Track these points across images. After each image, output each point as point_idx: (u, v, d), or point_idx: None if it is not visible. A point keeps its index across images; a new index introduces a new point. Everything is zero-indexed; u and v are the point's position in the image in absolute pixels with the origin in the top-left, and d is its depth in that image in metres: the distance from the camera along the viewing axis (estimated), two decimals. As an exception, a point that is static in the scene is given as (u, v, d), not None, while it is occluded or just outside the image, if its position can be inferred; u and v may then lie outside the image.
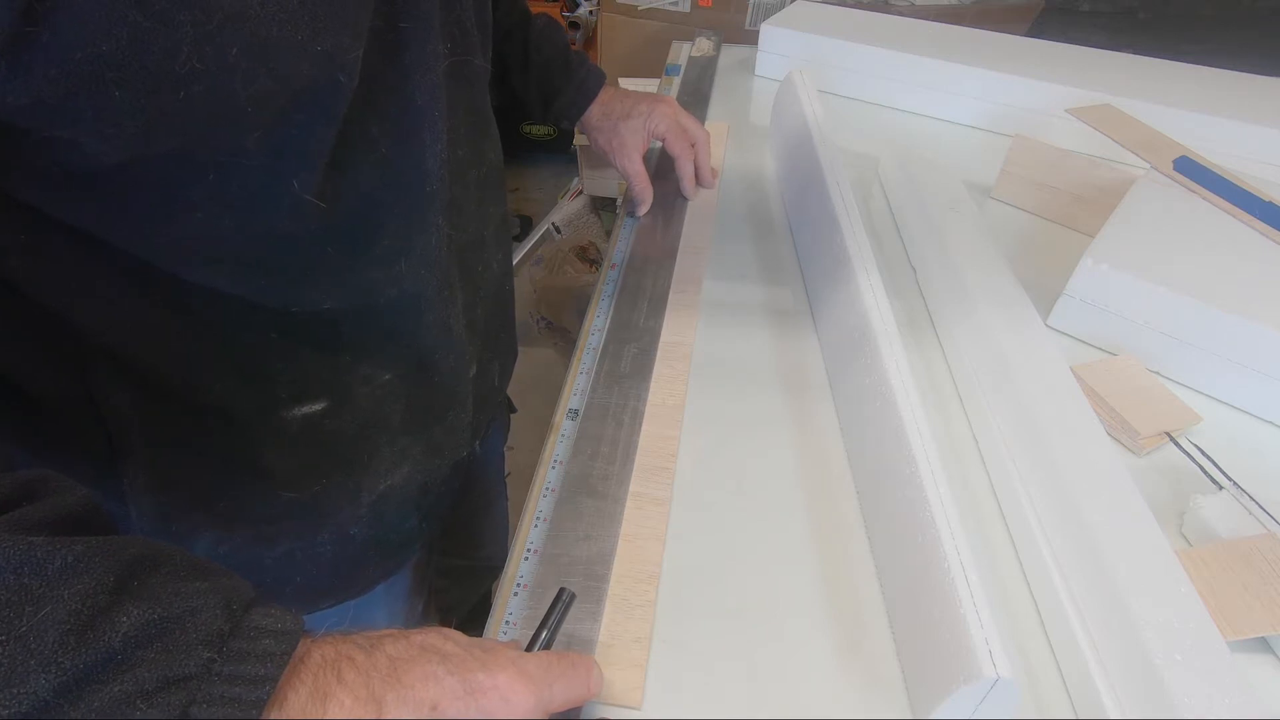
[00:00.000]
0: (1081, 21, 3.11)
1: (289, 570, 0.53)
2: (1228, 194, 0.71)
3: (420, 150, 0.43)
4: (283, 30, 0.31)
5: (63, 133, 0.30)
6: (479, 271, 0.56)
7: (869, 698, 0.42)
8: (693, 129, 0.80)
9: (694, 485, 0.52)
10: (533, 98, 0.75)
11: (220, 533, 0.49)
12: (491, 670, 0.32)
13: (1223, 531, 0.49)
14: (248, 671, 0.27)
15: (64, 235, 0.36)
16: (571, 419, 0.56)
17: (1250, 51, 1.92)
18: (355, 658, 0.30)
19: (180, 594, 0.28)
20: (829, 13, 1.15)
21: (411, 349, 0.50)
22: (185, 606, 0.27)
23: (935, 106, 1.04)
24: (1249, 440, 0.59)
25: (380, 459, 0.52)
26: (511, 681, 0.32)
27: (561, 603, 0.40)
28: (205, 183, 0.35)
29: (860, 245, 0.63)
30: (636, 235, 0.76)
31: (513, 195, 2.50)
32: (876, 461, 0.50)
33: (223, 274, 0.39)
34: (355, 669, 0.30)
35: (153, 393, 0.43)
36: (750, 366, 0.62)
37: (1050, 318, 0.67)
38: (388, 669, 0.30)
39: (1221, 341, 0.59)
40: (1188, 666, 0.39)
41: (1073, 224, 0.82)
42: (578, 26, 2.17)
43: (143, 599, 0.27)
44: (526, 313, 1.57)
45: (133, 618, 0.26)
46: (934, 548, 0.41)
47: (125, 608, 0.26)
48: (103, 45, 0.27)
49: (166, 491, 0.46)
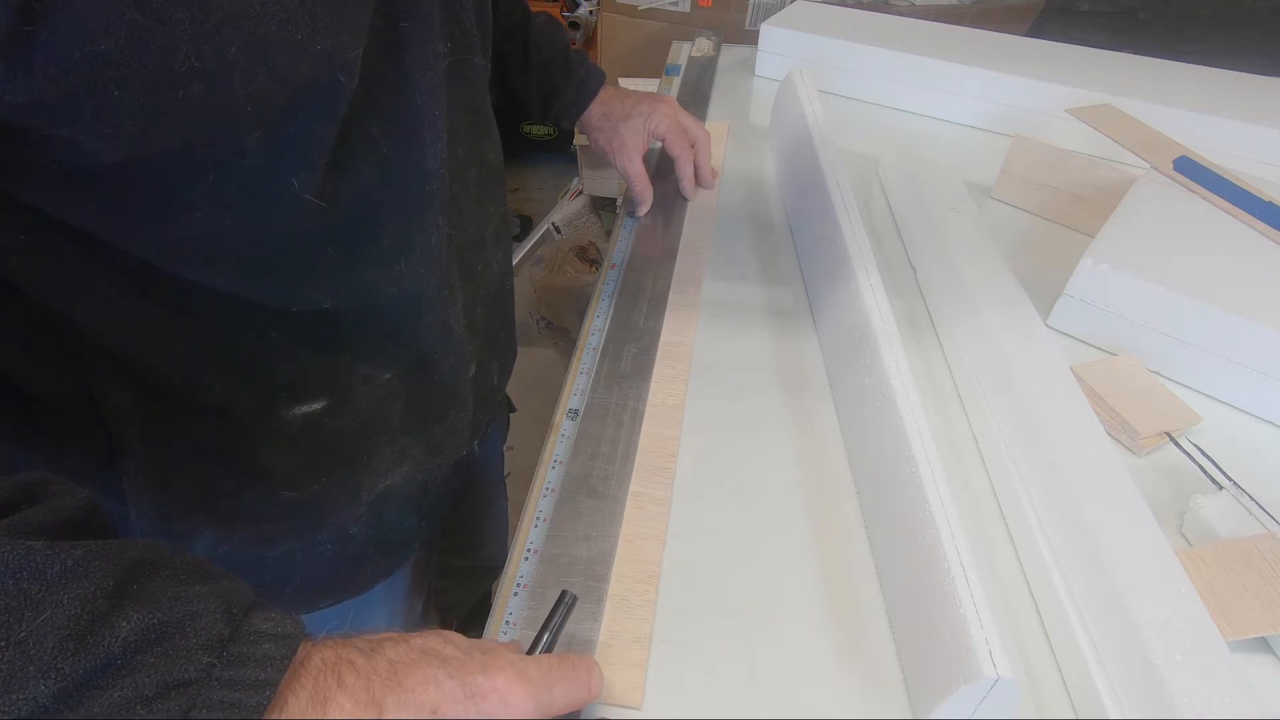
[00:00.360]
0: (1081, 21, 3.11)
1: (288, 569, 0.53)
2: (1228, 194, 0.71)
3: (420, 150, 0.43)
4: (282, 29, 0.31)
5: (61, 131, 0.30)
6: (479, 271, 0.56)
7: (869, 698, 0.42)
8: (693, 129, 0.80)
9: (694, 485, 0.52)
10: (533, 97, 0.75)
11: (220, 532, 0.49)
12: (490, 673, 0.32)
13: (1223, 531, 0.49)
14: (248, 676, 0.27)
15: (64, 235, 0.36)
16: (571, 419, 0.56)
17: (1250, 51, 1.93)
18: (355, 661, 0.30)
19: (180, 598, 0.28)
20: (829, 13, 1.15)
21: (411, 349, 0.50)
22: (185, 611, 0.27)
23: (935, 106, 1.04)
24: (1249, 440, 0.59)
25: (380, 458, 0.52)
26: (510, 684, 0.32)
27: (563, 605, 0.40)
28: (205, 182, 0.35)
29: (860, 245, 0.63)
30: (636, 235, 0.76)
31: (513, 195, 2.50)
32: (876, 461, 0.50)
33: (222, 273, 0.39)
34: (355, 672, 0.30)
35: (153, 392, 0.43)
36: (750, 366, 0.62)
37: (1050, 318, 0.67)
38: (388, 672, 0.30)
39: (1221, 341, 0.59)
40: (1188, 666, 0.39)
41: (1073, 224, 0.82)
42: (578, 26, 2.17)
43: (142, 604, 0.27)
44: (526, 313, 1.57)
45: (132, 622, 0.26)
46: (934, 548, 0.41)
47: (125, 612, 0.26)
48: (101, 44, 0.27)
49: (166, 491, 0.46)
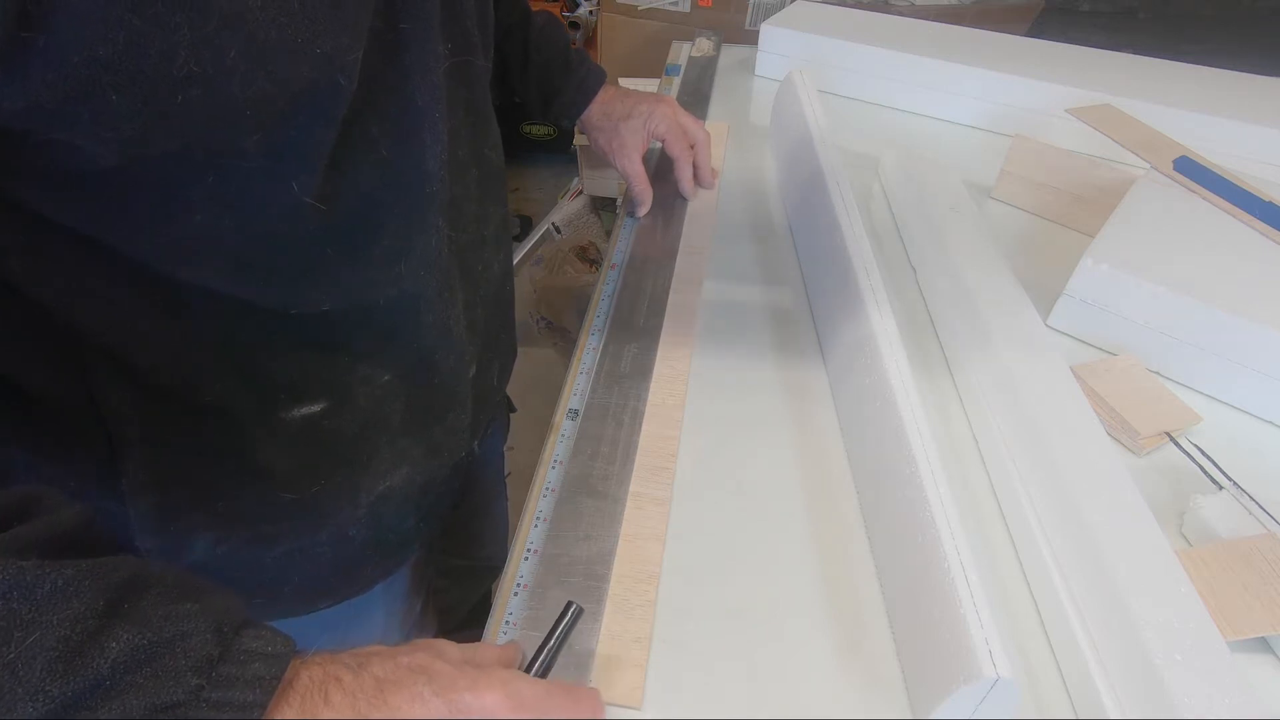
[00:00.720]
0: (1081, 21, 3.11)
1: (288, 570, 0.53)
2: (1228, 194, 0.71)
3: (420, 151, 0.43)
4: (282, 33, 0.31)
5: (59, 135, 0.29)
6: (479, 272, 0.56)
7: (869, 698, 0.42)
8: (693, 130, 0.80)
9: (694, 485, 0.52)
10: (532, 96, 0.75)
11: (219, 533, 0.49)
12: (479, 691, 0.32)
13: (1223, 531, 0.49)
14: (236, 698, 0.27)
15: (63, 236, 0.36)
16: (571, 419, 0.56)
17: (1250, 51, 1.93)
18: (343, 679, 0.30)
19: (170, 617, 0.28)
20: (829, 13, 1.15)
21: (411, 350, 0.50)
22: (175, 630, 0.27)
23: (935, 106, 1.04)
24: (1249, 440, 0.59)
25: (380, 460, 0.52)
26: (499, 702, 0.32)
27: (568, 618, 0.39)
28: (204, 184, 0.35)
29: (860, 245, 0.63)
30: (636, 235, 0.76)
31: (513, 195, 2.50)
32: (877, 461, 0.50)
33: (222, 275, 0.39)
34: (342, 690, 0.30)
35: (152, 393, 0.43)
36: (750, 366, 0.62)
37: (1050, 318, 0.67)
38: (374, 690, 0.31)
39: (1221, 341, 0.59)
40: (1188, 666, 0.39)
41: (1073, 224, 0.82)
42: (578, 26, 2.17)
43: (132, 623, 0.27)
44: (526, 313, 1.57)
45: (122, 643, 0.26)
46: (934, 548, 0.41)
47: (115, 632, 0.26)
48: (100, 50, 0.27)
49: (166, 491, 0.46)
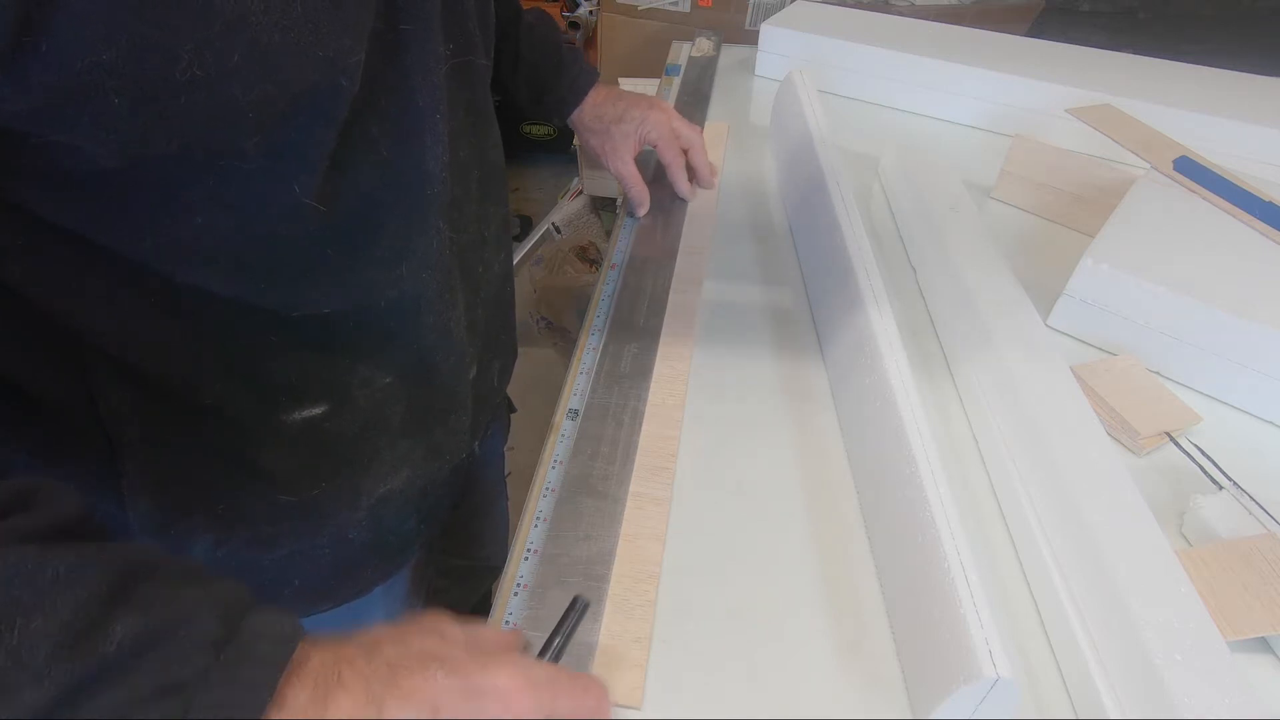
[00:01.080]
0: (1081, 21, 3.11)
1: (287, 572, 0.53)
2: (1228, 194, 0.71)
3: (421, 151, 0.43)
4: (284, 36, 0.31)
5: (60, 137, 0.30)
6: (480, 273, 0.56)
7: (869, 698, 0.42)
8: (685, 134, 0.79)
9: (694, 485, 0.52)
10: (523, 94, 0.75)
11: (219, 535, 0.49)
12: (491, 672, 0.32)
13: (1223, 531, 0.49)
14: (245, 676, 0.27)
15: (63, 237, 0.36)
16: (571, 419, 0.56)
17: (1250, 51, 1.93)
18: (355, 661, 0.30)
19: (175, 602, 0.28)
20: (829, 13, 1.15)
21: (411, 351, 0.50)
22: (180, 614, 0.27)
23: (935, 106, 1.04)
24: (1249, 440, 0.59)
25: (380, 461, 0.52)
26: (511, 682, 0.32)
27: (576, 610, 0.39)
28: (204, 185, 0.35)
29: (860, 246, 0.63)
30: (636, 235, 0.76)
31: (513, 195, 2.50)
32: (876, 461, 0.50)
33: (222, 276, 0.39)
34: (355, 672, 0.30)
35: (152, 394, 0.43)
36: (750, 366, 0.62)
37: (1050, 318, 0.67)
38: (387, 673, 0.30)
39: (1221, 341, 0.59)
40: (1188, 666, 0.39)
41: (1073, 224, 0.82)
42: (578, 26, 2.17)
43: (137, 608, 0.27)
44: (526, 313, 1.57)
45: (126, 627, 0.26)
46: (934, 548, 0.41)
47: (119, 617, 0.26)
48: (103, 54, 0.27)
49: (165, 493, 0.46)
